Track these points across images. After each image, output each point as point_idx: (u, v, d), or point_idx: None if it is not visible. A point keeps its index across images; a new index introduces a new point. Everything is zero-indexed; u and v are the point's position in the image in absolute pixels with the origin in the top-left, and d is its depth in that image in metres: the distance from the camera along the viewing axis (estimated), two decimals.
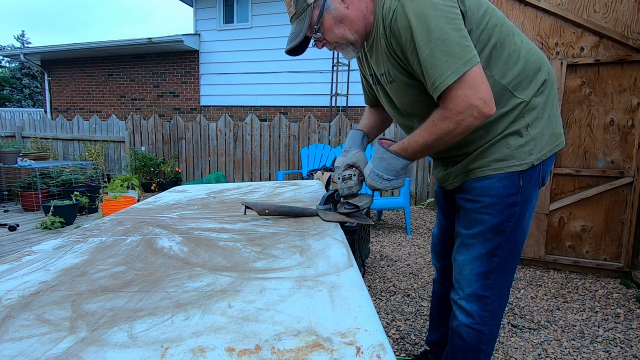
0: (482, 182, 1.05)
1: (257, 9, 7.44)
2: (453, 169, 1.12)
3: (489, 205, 1.05)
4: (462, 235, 1.12)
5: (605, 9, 2.41)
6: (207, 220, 1.12)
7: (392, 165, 1.06)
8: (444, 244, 1.39)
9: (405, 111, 1.12)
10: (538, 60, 1.04)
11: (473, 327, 1.12)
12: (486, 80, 0.90)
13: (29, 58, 9.24)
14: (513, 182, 1.02)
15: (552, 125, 1.06)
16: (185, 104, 8.23)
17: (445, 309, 1.41)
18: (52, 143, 7.13)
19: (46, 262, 0.80)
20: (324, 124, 5.59)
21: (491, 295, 1.11)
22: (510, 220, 1.05)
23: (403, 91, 1.05)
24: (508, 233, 1.06)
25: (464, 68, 0.86)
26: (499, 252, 1.08)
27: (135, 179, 4.79)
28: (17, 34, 32.83)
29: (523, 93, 1.01)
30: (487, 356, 1.15)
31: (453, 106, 0.89)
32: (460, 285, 1.13)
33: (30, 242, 3.36)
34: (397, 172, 1.07)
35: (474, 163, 1.06)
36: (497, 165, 1.02)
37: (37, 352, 0.47)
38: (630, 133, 2.46)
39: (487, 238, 1.07)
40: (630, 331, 1.91)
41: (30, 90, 22.19)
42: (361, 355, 0.44)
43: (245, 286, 0.63)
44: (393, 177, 1.07)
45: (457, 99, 0.88)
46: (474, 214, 1.08)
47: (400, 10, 0.90)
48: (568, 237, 2.69)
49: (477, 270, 1.09)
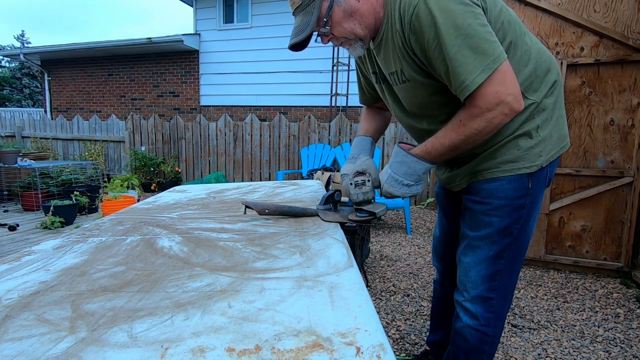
0: (490, 184, 1.03)
1: (257, 8, 7.44)
2: (459, 170, 1.10)
3: (497, 207, 1.03)
4: (469, 237, 1.10)
5: (605, 8, 2.41)
6: (207, 220, 1.12)
7: (413, 169, 1.02)
8: (445, 245, 1.37)
9: (414, 112, 1.09)
10: (548, 61, 1.03)
11: (477, 328, 1.11)
12: (514, 76, 0.87)
13: (29, 58, 9.24)
14: (522, 184, 1.01)
15: (559, 126, 1.05)
16: (185, 103, 8.23)
17: (446, 310, 1.40)
18: (52, 143, 7.13)
19: (46, 262, 0.80)
20: (324, 124, 5.58)
21: (496, 297, 1.09)
22: (518, 223, 1.04)
23: (416, 91, 1.02)
24: (515, 235, 1.05)
25: (494, 65, 0.84)
26: (505, 254, 1.06)
27: (135, 179, 4.78)
28: (17, 34, 32.84)
29: (534, 94, 1.00)
30: (490, 357, 1.14)
31: (484, 104, 0.86)
32: (465, 287, 1.12)
33: (30, 242, 3.36)
34: (419, 177, 1.03)
35: (483, 164, 1.04)
36: (507, 167, 1.01)
37: (37, 352, 0.47)
38: (630, 133, 2.46)
39: (495, 240, 1.05)
40: (630, 331, 1.91)
41: (30, 90, 22.19)
42: (361, 355, 0.44)
43: (245, 286, 0.63)
44: (413, 183, 1.04)
45: (488, 96, 0.85)
46: (481, 215, 1.06)
47: (423, 5, 0.86)
48: (568, 237, 2.69)
49: (484, 273, 1.07)
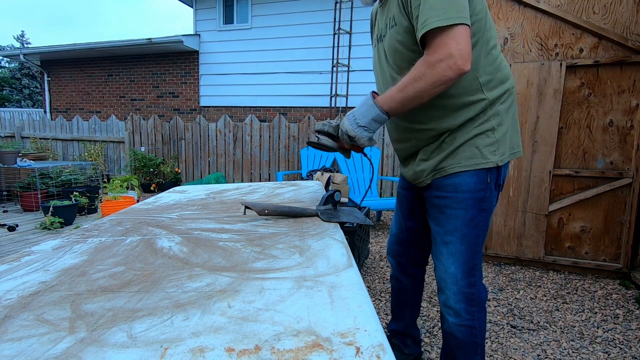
0: (454, 179, 1.11)
1: (256, 9, 7.44)
2: (426, 166, 1.17)
3: (462, 200, 1.11)
4: (440, 233, 1.17)
5: (605, 10, 2.42)
6: (207, 220, 1.12)
7: (368, 112, 1.04)
8: (401, 243, 1.47)
9: (395, 68, 1.13)
10: (507, 73, 1.15)
11: (464, 324, 1.16)
12: (469, 42, 0.93)
13: (29, 58, 9.23)
14: (482, 179, 1.10)
15: (513, 133, 1.16)
16: (184, 104, 8.23)
17: (404, 302, 1.54)
18: (52, 143, 7.12)
19: (45, 262, 0.80)
20: None
21: (476, 291, 1.16)
22: (481, 215, 1.12)
23: (398, 36, 1.08)
24: (480, 228, 1.13)
25: (457, 21, 0.91)
26: (478, 248, 1.14)
27: (135, 180, 4.78)
28: (17, 34, 32.83)
29: (489, 92, 1.08)
30: (482, 347, 1.21)
31: (432, 51, 0.93)
32: (446, 284, 1.17)
33: (30, 243, 3.35)
34: (370, 123, 1.05)
35: (445, 162, 1.12)
36: (467, 162, 1.10)
37: (37, 352, 0.47)
38: (629, 134, 2.46)
39: (465, 233, 1.12)
40: (630, 332, 1.91)
41: (29, 91, 22.18)
42: (361, 355, 0.44)
43: (245, 286, 0.63)
44: (365, 126, 1.05)
45: (438, 46, 0.92)
46: (448, 210, 1.13)
47: None
48: (567, 238, 2.69)
49: (462, 267, 1.14)
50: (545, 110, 2.62)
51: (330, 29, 6.78)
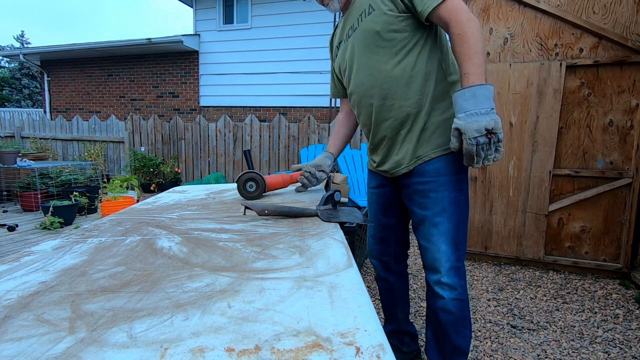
0: (435, 164, 1.19)
1: (256, 9, 7.44)
2: (405, 156, 1.24)
3: (444, 183, 1.19)
4: (428, 217, 1.22)
5: (605, 10, 2.42)
6: (207, 220, 1.12)
7: (483, 96, 0.97)
8: (382, 241, 1.51)
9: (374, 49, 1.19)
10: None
11: (459, 298, 1.21)
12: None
13: (29, 58, 9.22)
14: (459, 162, 1.18)
15: None
16: (184, 104, 8.23)
17: (393, 301, 1.58)
18: (52, 143, 7.12)
19: (45, 262, 0.80)
20: (323, 125, 5.58)
21: (462, 265, 1.23)
22: (462, 194, 1.21)
23: (378, 20, 1.16)
24: (462, 206, 1.21)
25: None
26: (462, 225, 1.22)
27: (135, 180, 4.78)
28: (17, 34, 32.82)
29: (455, 76, 1.22)
30: (469, 320, 1.27)
31: (454, 16, 1.05)
32: (440, 263, 1.21)
33: (30, 243, 3.35)
34: (490, 101, 0.97)
35: (423, 148, 1.20)
36: (444, 147, 1.18)
37: (37, 352, 0.47)
38: (629, 134, 2.46)
39: (451, 213, 1.19)
40: (630, 332, 1.92)
41: (29, 91, 22.18)
42: (361, 355, 0.44)
43: (245, 286, 0.63)
44: (490, 108, 0.97)
45: (452, 12, 1.05)
46: (432, 193, 1.20)
47: None
48: (567, 238, 2.69)
49: (453, 243, 1.19)
50: (545, 110, 2.62)
51: (330, 29, 6.78)
